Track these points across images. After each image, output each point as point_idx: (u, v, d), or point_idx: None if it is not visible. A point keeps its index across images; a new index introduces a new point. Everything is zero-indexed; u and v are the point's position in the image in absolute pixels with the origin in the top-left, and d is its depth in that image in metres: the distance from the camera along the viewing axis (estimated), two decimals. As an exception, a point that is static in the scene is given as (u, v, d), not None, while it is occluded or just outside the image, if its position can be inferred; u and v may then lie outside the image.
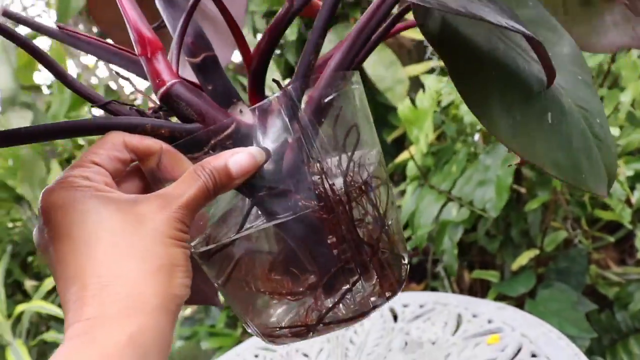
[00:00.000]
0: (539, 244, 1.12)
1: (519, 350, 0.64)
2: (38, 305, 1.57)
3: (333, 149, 0.37)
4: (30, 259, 1.88)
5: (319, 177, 0.35)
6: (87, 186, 0.28)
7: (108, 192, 0.29)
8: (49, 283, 1.63)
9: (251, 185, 0.34)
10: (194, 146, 0.34)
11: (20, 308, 1.57)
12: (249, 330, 0.40)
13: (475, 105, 0.37)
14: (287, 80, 0.39)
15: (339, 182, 0.36)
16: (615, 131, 0.91)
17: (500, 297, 1.14)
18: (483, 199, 1.03)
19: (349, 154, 0.37)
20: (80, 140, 1.93)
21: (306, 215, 0.35)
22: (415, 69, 1.53)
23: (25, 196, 1.67)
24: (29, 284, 1.78)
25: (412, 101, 1.19)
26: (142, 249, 0.27)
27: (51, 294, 1.70)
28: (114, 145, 0.31)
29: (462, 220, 1.06)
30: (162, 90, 0.34)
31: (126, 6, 0.36)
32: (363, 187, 0.37)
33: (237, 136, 0.34)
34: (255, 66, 0.38)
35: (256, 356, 0.78)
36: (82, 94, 0.35)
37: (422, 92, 1.17)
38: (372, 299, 0.37)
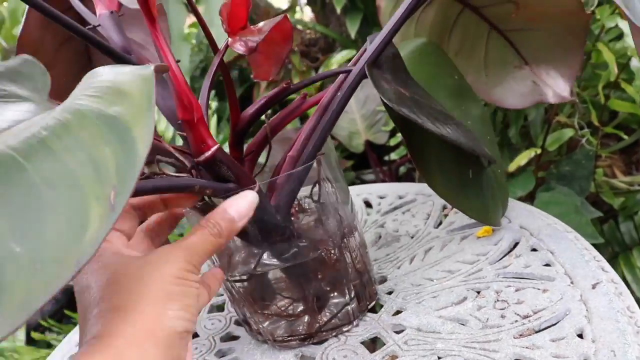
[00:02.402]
0: (542, 144, 0.99)
1: (515, 245, 0.52)
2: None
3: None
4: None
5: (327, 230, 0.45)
6: (107, 247, 0.33)
7: (125, 250, 0.34)
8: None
9: (267, 235, 0.43)
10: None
11: None
12: (260, 339, 0.49)
13: (421, 166, 0.50)
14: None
15: (333, 226, 0.46)
16: None
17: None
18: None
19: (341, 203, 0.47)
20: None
21: (313, 258, 0.45)
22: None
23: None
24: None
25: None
26: (149, 285, 0.31)
27: None
28: (125, 211, 0.36)
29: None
30: (207, 154, 0.39)
31: (176, 72, 0.38)
32: (352, 230, 0.48)
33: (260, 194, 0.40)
34: (240, 128, 0.45)
35: None
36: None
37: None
38: (357, 310, 0.48)
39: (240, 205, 0.36)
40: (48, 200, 0.23)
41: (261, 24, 0.43)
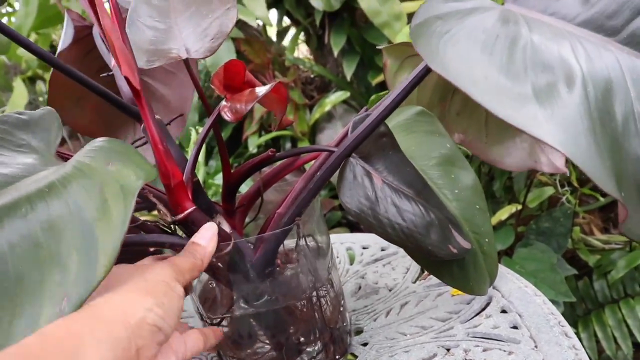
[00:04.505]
0: (523, 201, 1.02)
1: (487, 305, 0.55)
2: None
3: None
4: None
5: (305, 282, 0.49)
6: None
7: None
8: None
9: (240, 284, 0.47)
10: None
11: None
12: None
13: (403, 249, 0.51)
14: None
15: (307, 280, 0.49)
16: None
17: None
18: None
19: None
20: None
21: (285, 308, 0.48)
22: (414, 4, 1.40)
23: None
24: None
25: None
26: (136, 280, 0.36)
27: None
28: None
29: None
30: (182, 215, 0.43)
31: (158, 143, 0.42)
32: (326, 284, 0.51)
33: (234, 251, 0.45)
34: (232, 184, 0.48)
35: None
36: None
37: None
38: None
39: (205, 235, 0.42)
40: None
41: (257, 89, 0.46)
